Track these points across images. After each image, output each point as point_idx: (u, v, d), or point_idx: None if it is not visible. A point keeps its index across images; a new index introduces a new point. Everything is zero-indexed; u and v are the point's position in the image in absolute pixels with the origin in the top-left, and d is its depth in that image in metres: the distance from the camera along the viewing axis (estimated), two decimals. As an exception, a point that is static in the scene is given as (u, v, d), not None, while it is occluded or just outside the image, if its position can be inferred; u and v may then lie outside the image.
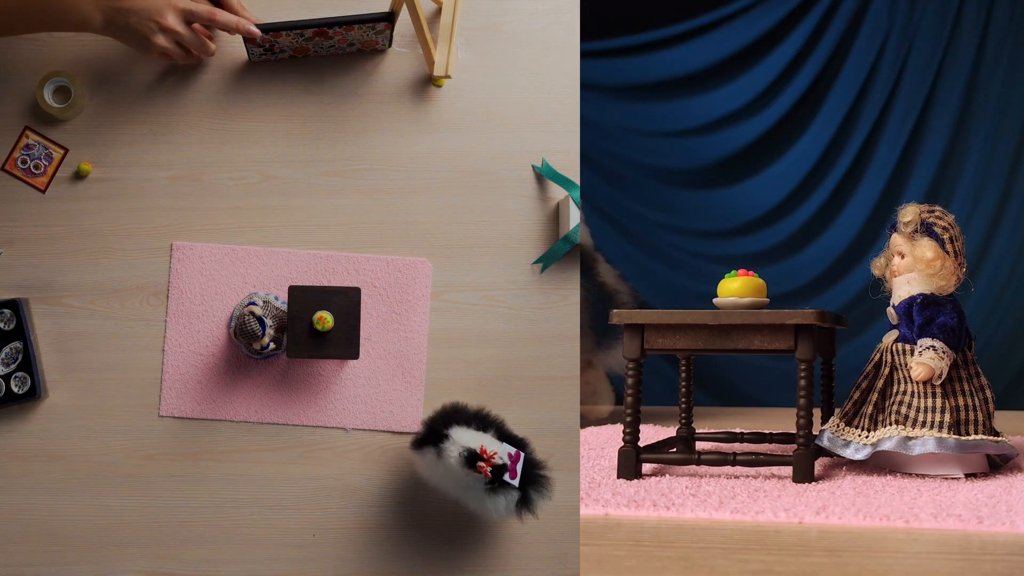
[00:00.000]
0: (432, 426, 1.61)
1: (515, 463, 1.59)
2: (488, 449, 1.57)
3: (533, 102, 1.82)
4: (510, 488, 1.58)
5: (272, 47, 1.75)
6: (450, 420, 1.61)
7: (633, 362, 2.02)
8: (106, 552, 1.72)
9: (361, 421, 1.76)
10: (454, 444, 1.57)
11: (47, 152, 1.77)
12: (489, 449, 1.57)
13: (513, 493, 1.59)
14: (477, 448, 1.56)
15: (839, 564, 1.35)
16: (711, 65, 3.94)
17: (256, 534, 1.74)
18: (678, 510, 1.69)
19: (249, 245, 1.77)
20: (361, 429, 1.76)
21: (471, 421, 1.62)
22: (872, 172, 3.88)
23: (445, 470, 1.58)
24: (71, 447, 1.74)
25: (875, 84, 3.88)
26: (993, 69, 3.77)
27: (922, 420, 1.99)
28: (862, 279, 2.81)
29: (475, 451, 1.56)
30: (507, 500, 1.58)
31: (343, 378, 1.76)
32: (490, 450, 1.57)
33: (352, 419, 1.76)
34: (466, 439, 1.58)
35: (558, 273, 1.80)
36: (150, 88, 1.80)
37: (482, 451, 1.56)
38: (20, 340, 1.71)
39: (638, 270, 3.81)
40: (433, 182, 1.80)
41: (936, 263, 2.05)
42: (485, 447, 1.57)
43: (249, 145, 1.79)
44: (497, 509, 1.59)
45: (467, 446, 1.57)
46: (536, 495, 1.61)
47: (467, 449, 1.56)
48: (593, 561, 1.39)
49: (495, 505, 1.58)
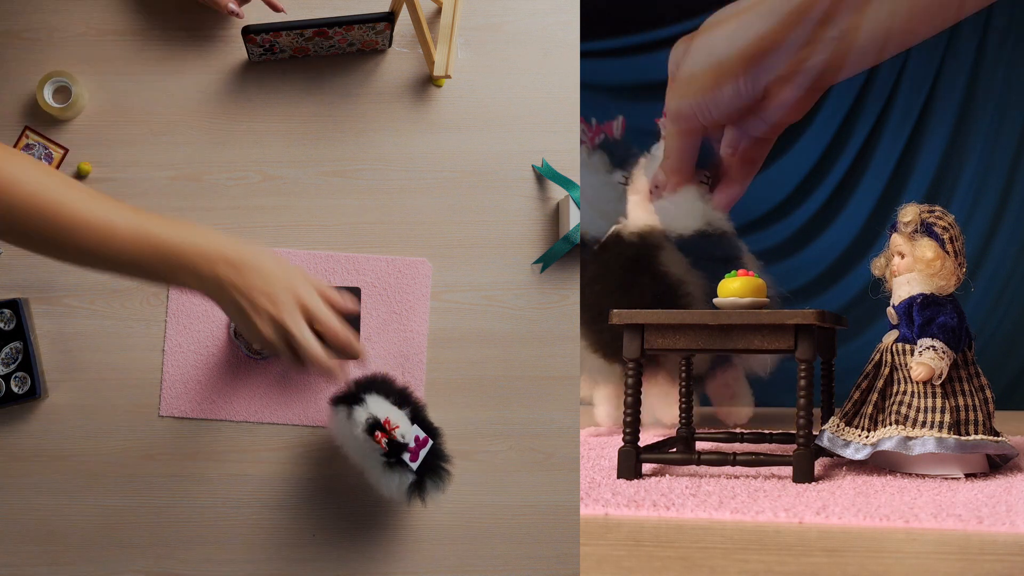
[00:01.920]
0: (353, 387, 1.63)
1: (420, 447, 1.60)
2: (392, 422, 1.57)
3: (533, 102, 1.82)
4: (407, 469, 1.59)
5: (272, 47, 1.75)
6: (372, 387, 1.62)
7: (633, 362, 2.02)
8: (106, 552, 1.72)
9: (361, 421, 1.76)
10: (364, 409, 1.58)
11: (47, 152, 1.77)
12: (393, 422, 1.57)
13: (408, 475, 1.60)
14: (383, 419, 1.57)
15: (839, 564, 1.35)
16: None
17: (256, 534, 1.74)
18: (678, 510, 1.69)
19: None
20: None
21: (391, 394, 1.63)
22: (872, 172, 3.87)
23: (350, 432, 1.59)
24: (71, 447, 1.74)
25: (875, 84, 3.87)
26: (993, 69, 3.77)
27: (922, 420, 1.99)
28: (862, 279, 2.81)
29: (379, 420, 1.57)
30: (400, 480, 1.59)
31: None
32: (394, 423, 1.57)
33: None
34: (377, 408, 1.59)
35: (558, 273, 1.79)
36: (150, 88, 1.80)
37: (386, 422, 1.57)
38: (20, 340, 1.71)
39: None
40: (433, 182, 1.80)
41: (936, 263, 2.05)
42: (391, 419, 1.58)
43: (249, 145, 1.79)
44: (389, 486, 1.60)
45: (374, 414, 1.57)
46: (431, 485, 1.62)
47: (373, 416, 1.57)
48: (593, 561, 1.38)
49: (388, 481, 1.60)
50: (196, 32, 1.81)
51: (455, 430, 1.76)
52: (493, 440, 1.76)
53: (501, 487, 1.75)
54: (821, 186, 3.93)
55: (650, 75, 3.95)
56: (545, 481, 1.76)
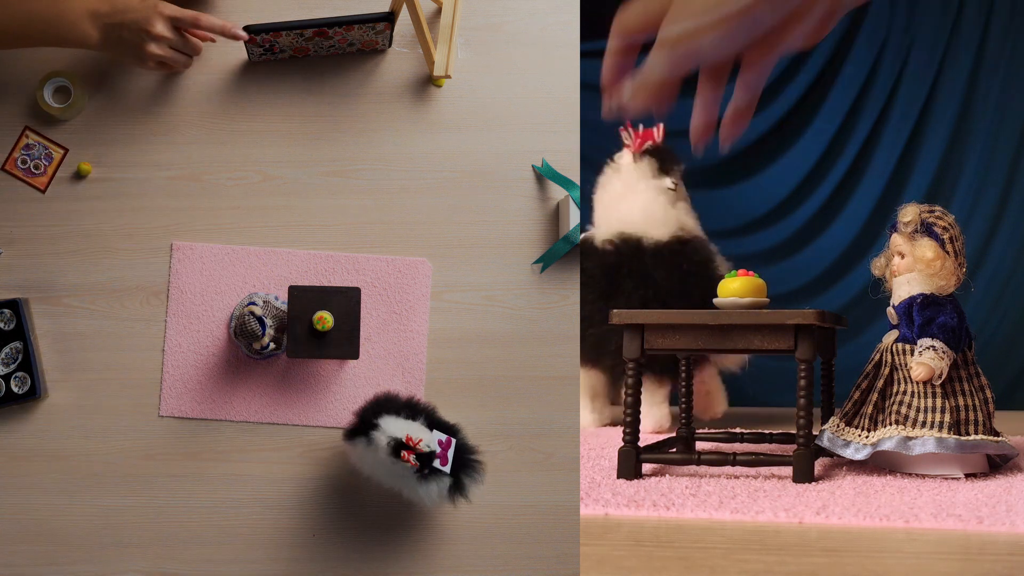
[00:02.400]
0: (363, 416, 1.62)
1: (446, 449, 1.60)
2: (414, 437, 1.57)
3: (533, 102, 1.82)
4: (441, 475, 1.59)
5: (272, 47, 1.75)
6: (380, 410, 1.62)
7: (633, 362, 2.02)
8: (106, 552, 1.72)
9: (361, 421, 1.76)
10: (382, 433, 1.58)
11: (47, 152, 1.77)
12: (415, 437, 1.57)
13: (445, 479, 1.60)
14: (403, 437, 1.57)
15: (839, 564, 1.35)
16: (711, 65, 3.93)
17: (256, 534, 1.74)
18: (678, 510, 1.69)
19: (249, 245, 1.77)
20: (361, 429, 1.76)
21: (401, 410, 1.63)
22: (872, 172, 3.88)
23: (375, 460, 1.59)
24: (71, 447, 1.74)
25: (875, 84, 3.88)
26: (993, 69, 3.77)
27: (922, 420, 1.98)
28: (862, 279, 2.81)
29: (401, 440, 1.57)
30: (439, 487, 1.60)
31: (343, 378, 1.76)
32: (415, 438, 1.57)
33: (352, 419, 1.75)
34: (394, 428, 1.59)
35: (558, 273, 1.79)
36: (150, 88, 1.80)
37: (408, 439, 1.57)
38: (20, 340, 1.71)
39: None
40: (433, 182, 1.80)
41: (936, 263, 2.05)
42: (411, 435, 1.57)
43: (249, 145, 1.79)
44: (430, 496, 1.60)
45: (394, 435, 1.57)
46: (468, 480, 1.63)
47: (394, 438, 1.57)
48: (593, 561, 1.38)
49: (427, 492, 1.60)
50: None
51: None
52: (493, 440, 1.76)
53: (501, 487, 1.75)
54: (821, 186, 3.93)
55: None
56: (545, 481, 1.76)
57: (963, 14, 3.79)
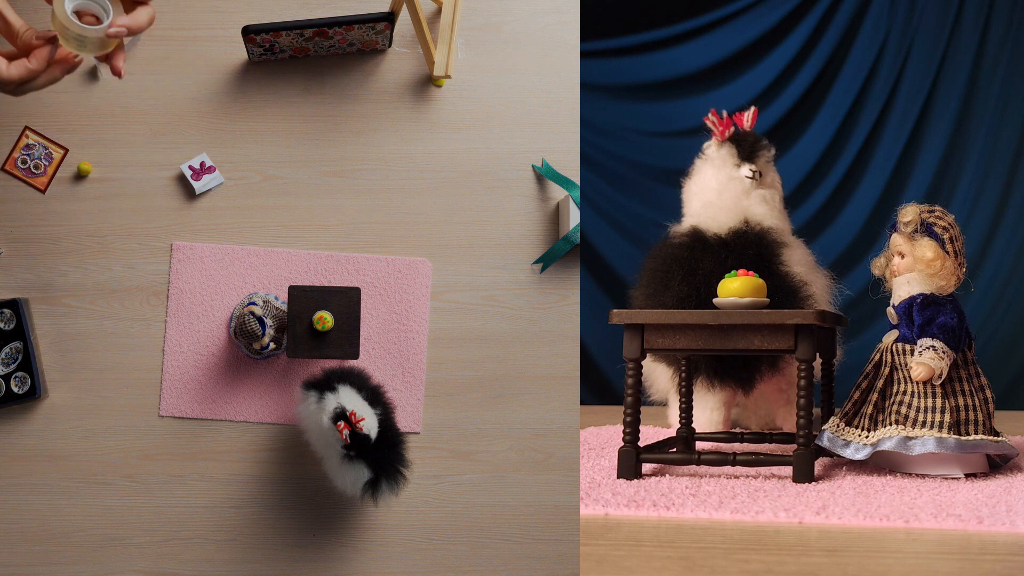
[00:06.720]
0: (328, 375, 1.62)
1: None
2: (358, 414, 1.57)
3: (533, 102, 1.82)
4: (363, 466, 1.59)
5: (272, 47, 1.75)
6: (346, 379, 1.62)
7: (633, 362, 2.02)
8: (106, 552, 1.72)
9: (361, 421, 1.76)
10: (335, 397, 1.58)
11: (47, 152, 1.77)
12: (359, 414, 1.57)
13: (364, 471, 1.60)
14: (350, 411, 1.57)
15: (839, 564, 1.35)
16: (711, 65, 3.93)
17: (256, 534, 1.74)
18: (678, 510, 1.69)
19: (249, 245, 1.77)
20: (361, 429, 1.76)
21: (364, 389, 1.63)
22: (872, 172, 3.87)
23: (317, 419, 1.59)
24: (71, 447, 1.74)
25: (875, 84, 3.87)
26: (993, 69, 3.77)
27: (922, 420, 1.98)
28: (862, 279, 2.80)
29: (346, 410, 1.57)
30: (356, 475, 1.60)
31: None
32: (359, 415, 1.57)
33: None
34: (348, 400, 1.59)
35: (558, 273, 1.79)
36: (150, 88, 1.80)
37: (352, 415, 1.57)
38: (20, 340, 1.71)
39: (637, 270, 3.81)
40: (433, 182, 1.80)
41: (936, 263, 2.05)
42: (356, 412, 1.57)
43: (249, 145, 1.79)
44: (344, 480, 1.60)
45: (343, 404, 1.57)
46: (386, 486, 1.62)
47: (341, 406, 1.57)
48: (593, 561, 1.38)
49: (344, 474, 1.60)
50: (196, 32, 1.81)
51: (455, 430, 1.76)
52: (493, 440, 1.76)
53: (501, 487, 1.75)
54: (821, 186, 3.93)
55: (650, 75, 3.96)
56: (545, 481, 1.76)
57: (963, 14, 3.79)
